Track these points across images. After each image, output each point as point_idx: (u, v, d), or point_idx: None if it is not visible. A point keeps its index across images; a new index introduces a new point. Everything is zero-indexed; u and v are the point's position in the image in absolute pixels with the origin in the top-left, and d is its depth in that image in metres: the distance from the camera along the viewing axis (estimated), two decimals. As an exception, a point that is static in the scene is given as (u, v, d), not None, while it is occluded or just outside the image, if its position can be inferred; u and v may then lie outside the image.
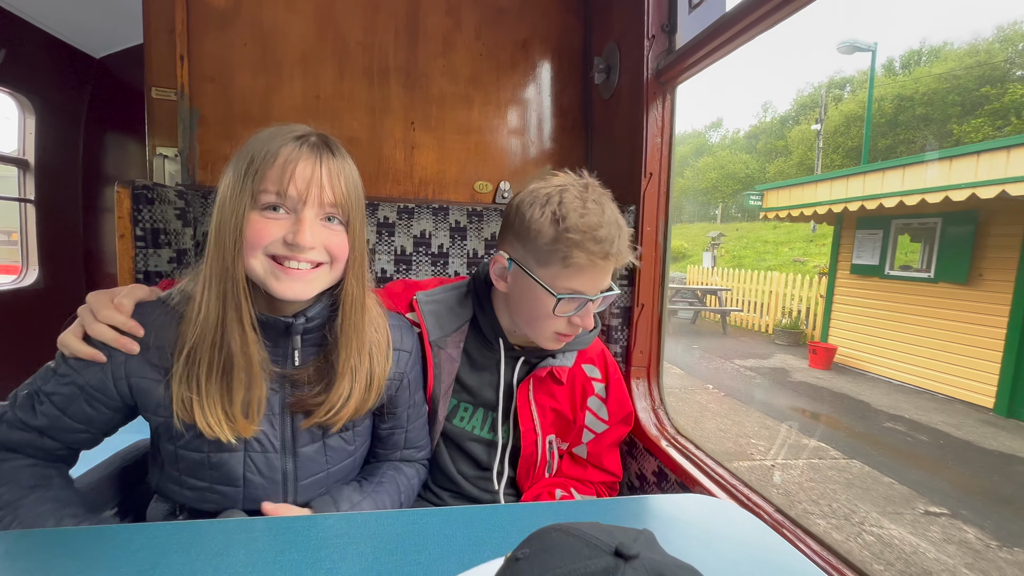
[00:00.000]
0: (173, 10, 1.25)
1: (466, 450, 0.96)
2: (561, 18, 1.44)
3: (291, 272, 0.65)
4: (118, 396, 0.67)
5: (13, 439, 0.66)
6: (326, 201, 0.65)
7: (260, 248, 0.64)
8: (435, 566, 0.54)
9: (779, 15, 0.81)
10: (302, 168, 0.63)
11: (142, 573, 0.51)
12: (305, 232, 0.63)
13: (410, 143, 1.40)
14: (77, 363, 0.66)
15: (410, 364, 0.83)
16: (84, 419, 0.67)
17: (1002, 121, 13.34)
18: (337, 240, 0.67)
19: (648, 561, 0.34)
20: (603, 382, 0.99)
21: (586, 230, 0.77)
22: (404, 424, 0.85)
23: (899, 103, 16.04)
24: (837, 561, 0.66)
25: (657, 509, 0.72)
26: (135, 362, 0.66)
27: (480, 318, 0.94)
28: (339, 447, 0.77)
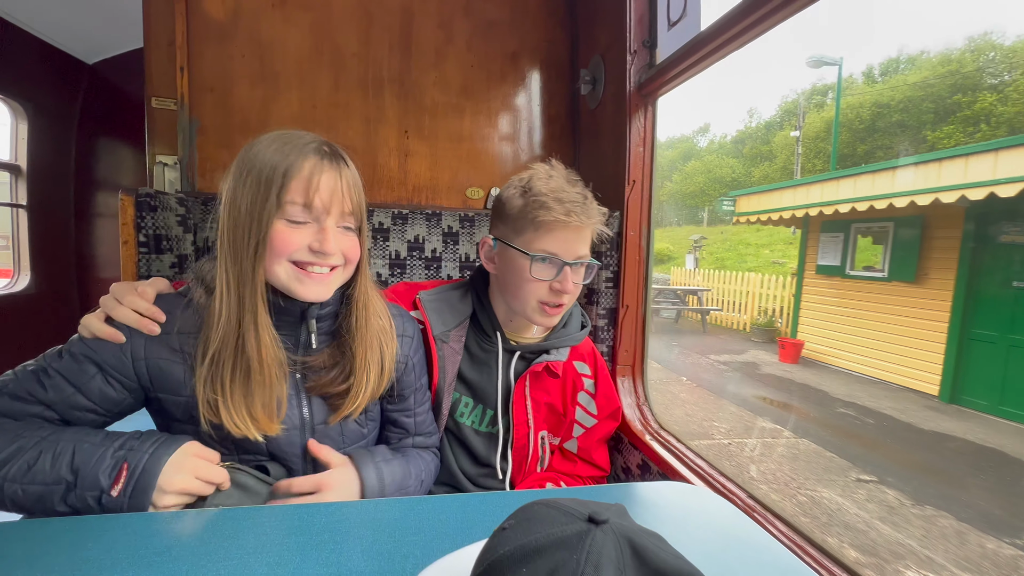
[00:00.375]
0: (173, 23, 1.29)
1: (467, 445, 1.01)
2: (549, 31, 1.50)
3: (314, 276, 0.69)
4: (135, 376, 0.70)
5: (14, 409, 0.66)
6: (345, 211, 0.70)
7: (286, 256, 0.68)
8: (431, 546, 0.59)
9: (749, 35, 0.87)
10: (327, 180, 0.68)
11: (157, 555, 0.55)
12: (330, 240, 0.68)
13: (404, 151, 1.45)
14: (95, 343, 0.69)
15: (412, 348, 0.88)
16: (99, 397, 0.68)
17: (972, 128, 14.01)
18: (351, 244, 0.73)
19: (616, 526, 0.39)
20: (592, 378, 1.05)
21: (549, 192, 0.87)
22: (412, 407, 0.89)
23: (877, 110, 16.78)
24: (800, 539, 0.72)
25: (636, 495, 0.77)
26: (154, 344, 0.70)
27: (479, 313, 1.01)
28: (354, 430, 0.82)
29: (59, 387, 0.67)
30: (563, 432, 1.05)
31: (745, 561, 0.61)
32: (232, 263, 0.67)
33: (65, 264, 3.64)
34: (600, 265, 1.01)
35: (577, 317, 1.06)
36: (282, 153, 0.67)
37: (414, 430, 0.90)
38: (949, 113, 14.97)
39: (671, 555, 0.40)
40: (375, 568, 0.55)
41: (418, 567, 0.54)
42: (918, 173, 5.81)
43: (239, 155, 0.70)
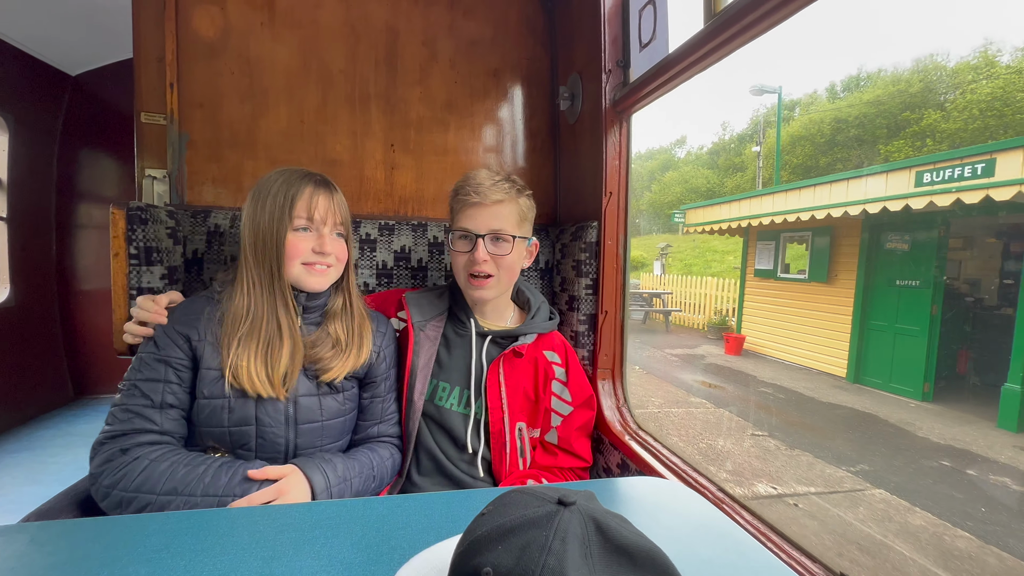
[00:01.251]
0: (163, 40, 1.32)
1: (445, 427, 1.08)
2: (529, 49, 1.56)
3: (317, 271, 0.94)
4: (189, 352, 0.91)
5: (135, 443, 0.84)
6: (337, 221, 0.96)
7: (297, 258, 0.92)
8: (417, 539, 0.62)
9: (713, 58, 0.94)
10: (322, 200, 0.94)
11: (155, 552, 0.58)
12: (327, 243, 0.93)
13: (390, 164, 1.49)
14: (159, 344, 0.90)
15: (385, 342, 1.08)
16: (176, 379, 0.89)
17: (920, 142, 15.23)
18: (342, 247, 0.98)
19: (583, 507, 0.44)
20: (563, 367, 1.14)
21: (464, 182, 1.08)
22: (382, 394, 1.06)
23: (836, 125, 18.12)
24: (764, 527, 0.77)
25: (613, 490, 0.82)
26: (183, 332, 0.90)
27: (454, 306, 1.15)
28: (333, 406, 0.98)
29: (153, 389, 0.87)
30: (541, 422, 1.11)
31: (713, 547, 0.65)
32: (256, 267, 0.92)
33: (46, 276, 3.59)
34: (535, 242, 1.16)
35: (545, 310, 1.19)
36: (288, 183, 0.92)
37: (380, 416, 1.06)
38: (900, 128, 16.25)
39: (633, 533, 0.44)
40: (364, 559, 0.58)
41: (405, 558, 0.58)
42: (832, 190, 7.04)
43: (254, 187, 0.94)
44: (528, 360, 1.11)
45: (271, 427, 0.91)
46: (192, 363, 0.91)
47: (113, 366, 3.91)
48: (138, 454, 0.82)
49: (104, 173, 3.87)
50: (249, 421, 0.90)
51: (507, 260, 1.07)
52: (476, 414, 1.09)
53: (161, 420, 0.86)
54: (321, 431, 0.96)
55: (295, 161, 1.41)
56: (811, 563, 0.68)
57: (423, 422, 1.10)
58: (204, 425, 0.90)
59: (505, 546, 0.40)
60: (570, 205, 1.50)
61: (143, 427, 0.85)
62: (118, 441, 0.84)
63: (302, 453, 0.94)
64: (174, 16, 1.32)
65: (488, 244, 1.05)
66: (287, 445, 0.93)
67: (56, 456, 2.89)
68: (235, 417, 0.89)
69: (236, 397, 0.89)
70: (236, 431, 0.90)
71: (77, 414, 3.56)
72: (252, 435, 0.90)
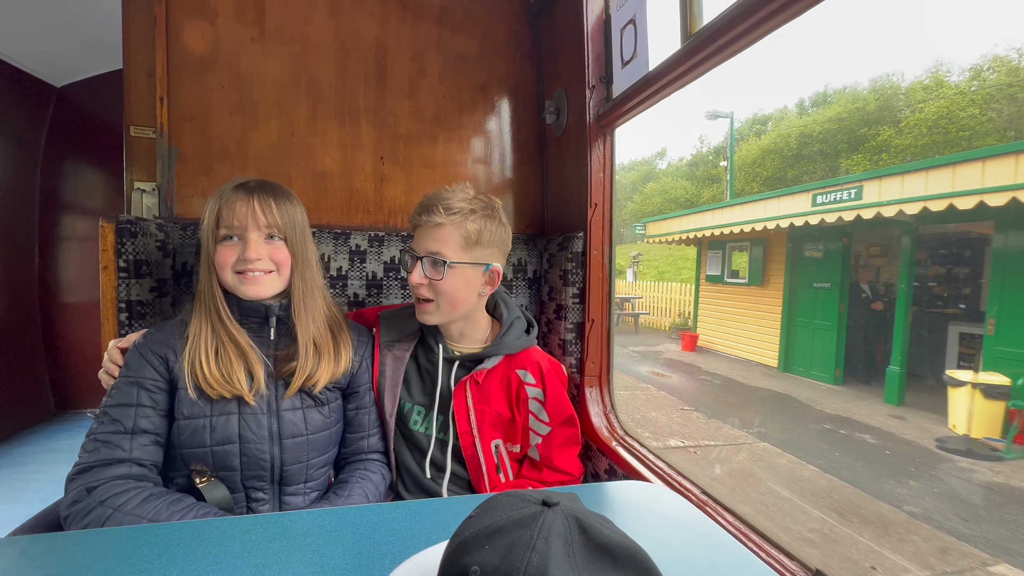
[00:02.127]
0: (153, 56, 1.34)
1: (420, 448, 1.08)
2: (516, 64, 1.60)
3: (249, 279, 0.91)
4: (165, 373, 0.90)
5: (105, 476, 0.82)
6: (262, 224, 0.91)
7: (228, 268, 0.91)
8: (407, 544, 0.64)
9: (690, 76, 0.98)
10: (239, 206, 0.90)
11: (148, 563, 0.59)
12: (251, 249, 0.90)
13: (380, 176, 1.51)
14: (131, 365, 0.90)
15: (367, 352, 1.08)
16: (150, 402, 0.88)
17: (876, 156, 16.50)
18: (276, 251, 0.93)
19: (567, 508, 0.46)
20: (539, 387, 1.08)
21: (423, 199, 1.05)
22: (367, 406, 1.05)
23: (802, 140, 19.45)
24: (744, 527, 0.79)
25: (600, 494, 0.84)
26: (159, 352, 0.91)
27: (425, 328, 1.11)
28: (317, 419, 0.97)
29: (124, 414, 0.85)
30: (520, 439, 1.09)
31: (694, 547, 0.68)
32: (202, 279, 0.94)
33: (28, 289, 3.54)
34: (494, 268, 1.06)
35: (519, 326, 1.12)
36: (218, 196, 0.93)
37: (367, 428, 1.05)
38: (859, 143, 17.41)
39: (615, 532, 0.47)
40: (356, 565, 0.60)
41: (396, 563, 0.59)
42: (767, 205, 8.30)
43: None
44: (498, 380, 1.07)
45: (255, 443, 0.89)
46: (169, 384, 0.89)
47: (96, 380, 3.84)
48: (104, 495, 0.79)
49: (89, 185, 3.84)
50: (232, 439, 0.88)
51: (443, 286, 1.00)
52: (445, 438, 1.07)
53: (131, 447, 0.84)
54: (306, 445, 0.94)
55: (285, 174, 1.43)
56: (788, 560, 0.70)
57: (401, 440, 1.10)
58: (185, 447, 0.87)
59: (492, 546, 0.42)
60: (557, 216, 1.53)
61: (111, 457, 0.82)
62: (85, 476, 0.81)
63: (288, 470, 0.92)
64: (164, 32, 1.34)
65: (426, 266, 1.00)
66: (272, 462, 0.91)
67: (37, 473, 2.83)
68: (217, 436, 0.88)
69: (217, 415, 0.88)
70: (219, 450, 0.88)
71: (59, 429, 3.49)
72: (236, 453, 0.88)
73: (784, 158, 20.02)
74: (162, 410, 0.89)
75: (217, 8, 1.38)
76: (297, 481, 0.95)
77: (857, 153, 17.34)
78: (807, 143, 19.26)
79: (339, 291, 1.37)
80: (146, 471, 0.85)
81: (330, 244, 1.36)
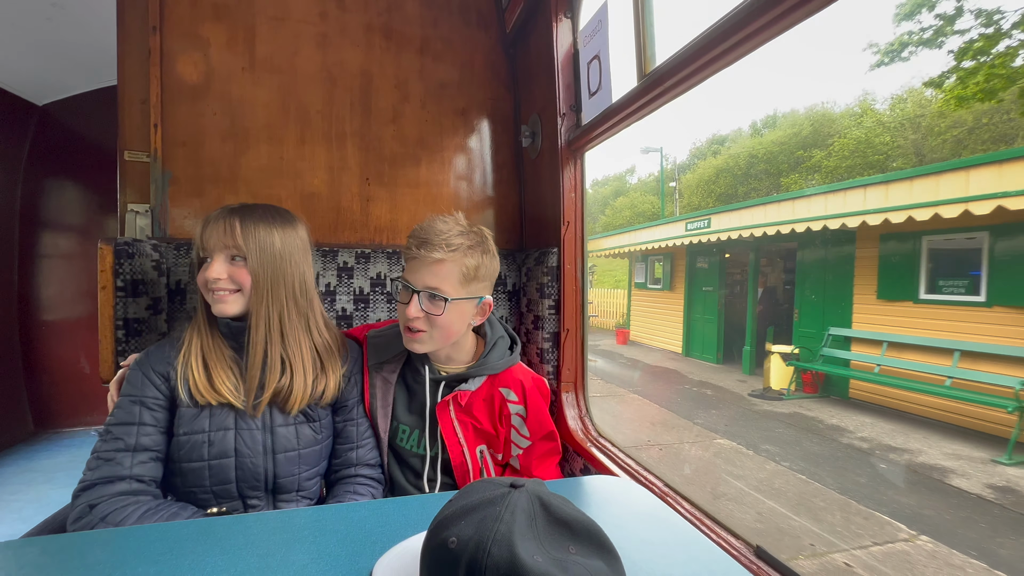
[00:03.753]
0: (148, 84, 1.40)
1: (409, 465, 1.13)
2: (493, 90, 1.71)
3: (217, 297, 0.95)
4: (166, 391, 0.96)
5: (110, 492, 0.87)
6: (228, 244, 0.94)
7: (203, 286, 0.97)
8: (396, 533, 0.71)
9: (646, 111, 1.09)
10: (212, 228, 0.95)
11: (161, 556, 0.65)
12: (212, 269, 0.94)
13: (366, 196, 1.59)
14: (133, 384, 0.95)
15: (356, 368, 1.12)
16: (152, 420, 0.93)
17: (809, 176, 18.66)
18: (237, 272, 0.96)
19: (531, 490, 0.54)
20: (521, 404, 1.12)
21: (416, 230, 1.04)
22: (355, 417, 1.09)
23: (750, 160, 21.58)
24: (700, 514, 0.89)
25: (569, 487, 0.92)
26: (159, 370, 0.96)
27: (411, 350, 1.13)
28: (309, 435, 1.02)
29: (126, 432, 0.90)
30: (502, 450, 1.14)
31: (652, 529, 0.76)
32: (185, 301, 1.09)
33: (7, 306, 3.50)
34: (487, 300, 1.09)
35: (503, 346, 1.16)
36: (204, 219, 0.98)
37: (356, 439, 1.09)
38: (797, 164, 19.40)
39: (573, 510, 0.55)
40: (349, 552, 0.67)
41: (385, 550, 0.67)
42: (674, 227, 10.77)
43: None
44: (482, 399, 1.10)
45: (250, 457, 0.95)
46: (169, 403, 0.95)
47: (77, 398, 3.80)
48: (105, 512, 0.84)
49: (71, 203, 3.83)
50: (228, 453, 0.94)
51: (440, 320, 1.02)
52: (433, 455, 1.11)
53: (132, 464, 0.89)
54: (298, 459, 0.99)
55: (275, 195, 1.50)
56: (734, 539, 0.80)
57: (391, 457, 1.14)
58: (183, 461, 0.92)
59: (467, 520, 0.51)
60: (534, 232, 1.63)
61: (112, 475, 0.87)
62: (88, 494, 0.86)
63: (281, 482, 0.98)
64: (159, 62, 1.41)
65: (423, 300, 1.01)
66: (265, 475, 0.96)
67: (17, 494, 2.79)
68: (215, 450, 0.93)
69: (215, 430, 0.93)
70: (216, 464, 0.93)
71: (38, 449, 3.44)
72: (232, 466, 0.94)
73: (735, 176, 22.01)
74: (163, 427, 0.94)
75: (209, 40, 1.46)
76: (290, 490, 1.01)
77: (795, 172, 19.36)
78: (754, 163, 21.26)
79: (328, 306, 1.44)
80: (145, 486, 0.90)
81: (319, 262, 1.44)
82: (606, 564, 0.51)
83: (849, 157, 16.36)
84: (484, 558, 0.46)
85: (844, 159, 16.52)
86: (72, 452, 3.39)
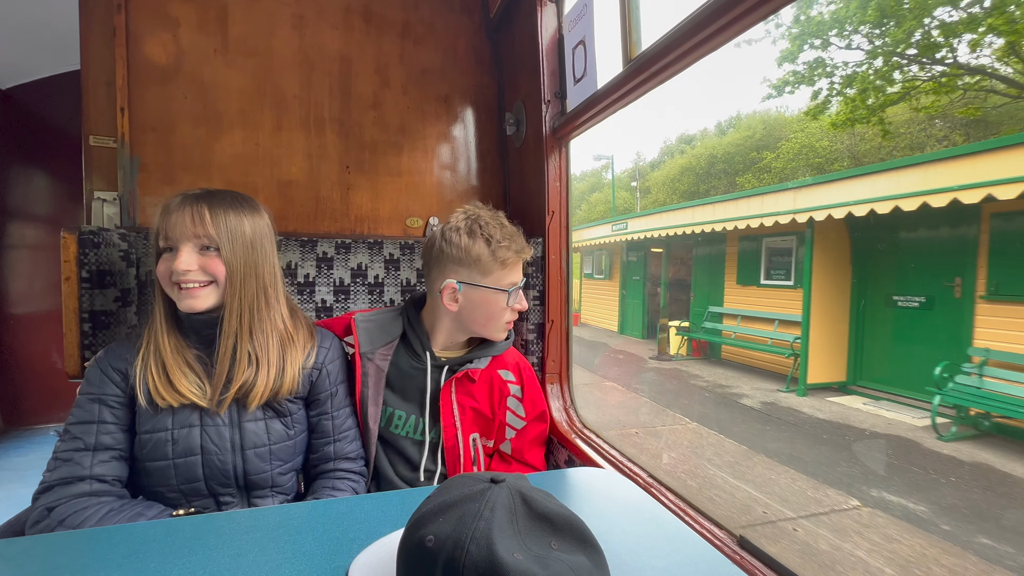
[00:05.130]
0: (113, 65, 1.34)
1: (402, 452, 1.12)
2: (477, 77, 1.67)
3: (184, 291, 0.88)
4: (126, 389, 0.91)
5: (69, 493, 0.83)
6: (198, 233, 0.88)
7: (167, 280, 0.89)
8: (375, 531, 0.69)
9: (631, 97, 1.07)
10: (176, 216, 0.88)
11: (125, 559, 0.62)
12: (181, 261, 0.87)
13: (346, 184, 1.55)
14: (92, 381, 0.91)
15: (329, 357, 1.05)
16: (112, 418, 0.89)
17: (761, 175, 20.08)
18: (210, 263, 0.89)
19: (512, 484, 0.53)
20: (518, 384, 1.18)
21: (505, 238, 1.09)
22: (329, 411, 1.04)
23: (711, 160, 23.12)
24: (684, 504, 0.88)
25: (553, 479, 0.91)
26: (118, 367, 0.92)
27: (410, 335, 1.15)
28: (280, 430, 0.98)
29: (85, 431, 0.87)
30: (495, 435, 1.17)
31: (636, 521, 0.76)
32: (156, 292, 0.93)
33: (-30, 300, 3.36)
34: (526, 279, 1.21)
35: None
36: (162, 207, 0.91)
37: (332, 434, 1.05)
38: (750, 165, 20.91)
39: (555, 504, 0.54)
40: (325, 551, 0.65)
41: (362, 548, 0.65)
42: (616, 225, 12.65)
43: None
44: (482, 381, 1.14)
45: (217, 454, 0.91)
46: (130, 400, 0.90)
47: (48, 394, 3.68)
48: (63, 515, 0.81)
49: (39, 192, 3.68)
50: (194, 451, 0.90)
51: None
52: (432, 440, 1.12)
53: (92, 463, 0.85)
54: (269, 455, 0.95)
55: (251, 183, 1.45)
56: (717, 529, 0.79)
57: (379, 446, 1.13)
58: (148, 460, 0.89)
59: (445, 518, 0.49)
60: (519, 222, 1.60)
61: (71, 475, 0.84)
62: (47, 496, 0.83)
63: (253, 479, 0.94)
64: (124, 41, 1.35)
65: (523, 291, 1.15)
66: (235, 471, 0.93)
67: (-14, 493, 2.71)
68: (180, 448, 0.89)
69: (178, 428, 0.89)
70: (181, 463, 0.89)
71: (7, 447, 3.32)
72: (199, 464, 0.90)
73: (697, 175, 23.63)
74: (125, 425, 0.90)
75: (179, 19, 1.39)
76: (263, 486, 0.97)
77: (748, 172, 20.84)
78: (714, 163, 22.89)
79: (306, 297, 1.41)
80: (108, 486, 0.86)
81: (297, 252, 1.39)
82: (589, 559, 0.50)
83: (794, 159, 17.94)
84: (462, 557, 0.44)
85: (790, 161, 18.06)
86: (45, 449, 3.29)
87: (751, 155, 21.02)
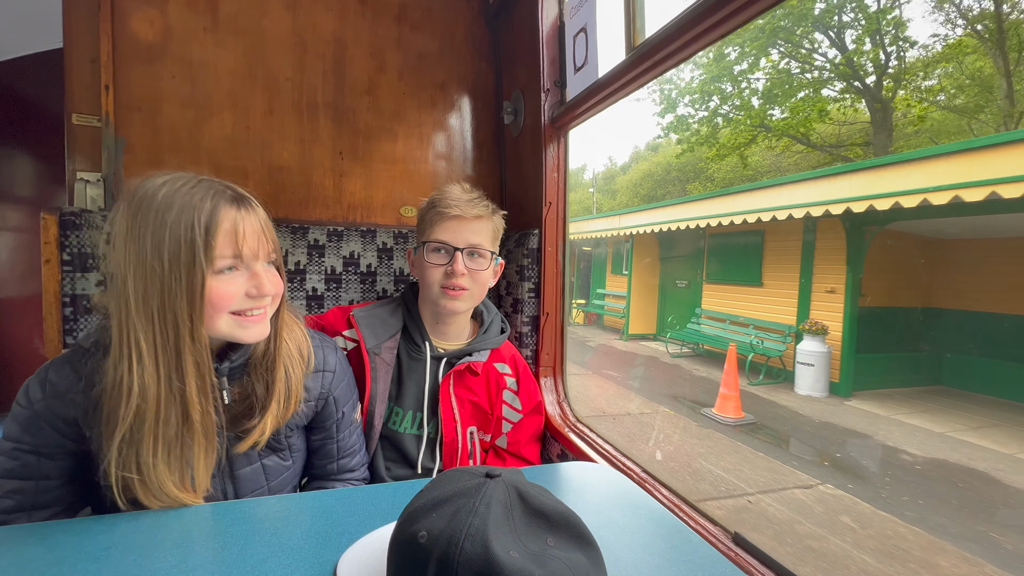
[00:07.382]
0: (98, 41, 1.29)
1: (399, 448, 1.10)
2: (475, 64, 1.64)
3: (253, 319, 0.72)
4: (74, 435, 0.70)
5: None
6: (270, 250, 0.74)
7: (226, 309, 0.69)
8: (364, 524, 0.68)
9: (634, 85, 1.05)
10: (249, 229, 0.70)
11: (103, 551, 0.60)
12: (265, 283, 0.71)
13: (339, 171, 1.52)
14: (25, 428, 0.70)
15: (334, 383, 0.90)
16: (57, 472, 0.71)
17: (707, 183, 22.11)
18: (277, 280, 0.75)
19: (507, 479, 0.51)
20: (514, 377, 1.18)
21: (442, 196, 1.08)
22: (334, 435, 0.93)
23: (667, 167, 25.33)
24: (678, 500, 0.88)
25: (548, 473, 0.90)
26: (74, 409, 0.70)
27: (409, 324, 1.13)
28: (276, 465, 0.85)
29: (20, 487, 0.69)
30: (492, 429, 1.15)
31: (631, 516, 0.75)
32: (147, 326, 0.64)
33: (-52, 283, 3.27)
34: (502, 261, 1.18)
35: (497, 324, 1.20)
36: (194, 206, 0.65)
37: (337, 455, 0.94)
38: (699, 173, 22.90)
39: (551, 499, 0.52)
40: (313, 545, 0.63)
41: (351, 542, 0.63)
42: (580, 226, 14.46)
43: (130, 203, 0.66)
44: (480, 375, 1.12)
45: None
46: (79, 440, 0.70)
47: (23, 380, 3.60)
48: None
49: (20, 172, 3.58)
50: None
51: (482, 276, 1.08)
52: (430, 434, 1.10)
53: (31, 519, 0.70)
54: (267, 494, 0.84)
55: (240, 167, 1.41)
56: (712, 526, 0.79)
57: (378, 444, 1.10)
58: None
59: (439, 513, 0.47)
60: (515, 213, 1.58)
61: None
62: None
63: None
64: (109, 17, 1.29)
65: (466, 258, 1.05)
66: None
67: (-36, 480, 2.67)
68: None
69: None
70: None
71: (-12, 434, 3.27)
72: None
73: (656, 181, 26.25)
74: (71, 475, 0.72)
75: (167, -5, 1.34)
76: None
77: (696, 180, 23.04)
78: (670, 171, 25.34)
79: (297, 286, 1.38)
80: None
81: (288, 239, 1.36)
82: (585, 556, 0.49)
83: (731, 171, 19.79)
84: (456, 554, 0.43)
85: (728, 172, 19.94)
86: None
87: (699, 165, 23.03)
